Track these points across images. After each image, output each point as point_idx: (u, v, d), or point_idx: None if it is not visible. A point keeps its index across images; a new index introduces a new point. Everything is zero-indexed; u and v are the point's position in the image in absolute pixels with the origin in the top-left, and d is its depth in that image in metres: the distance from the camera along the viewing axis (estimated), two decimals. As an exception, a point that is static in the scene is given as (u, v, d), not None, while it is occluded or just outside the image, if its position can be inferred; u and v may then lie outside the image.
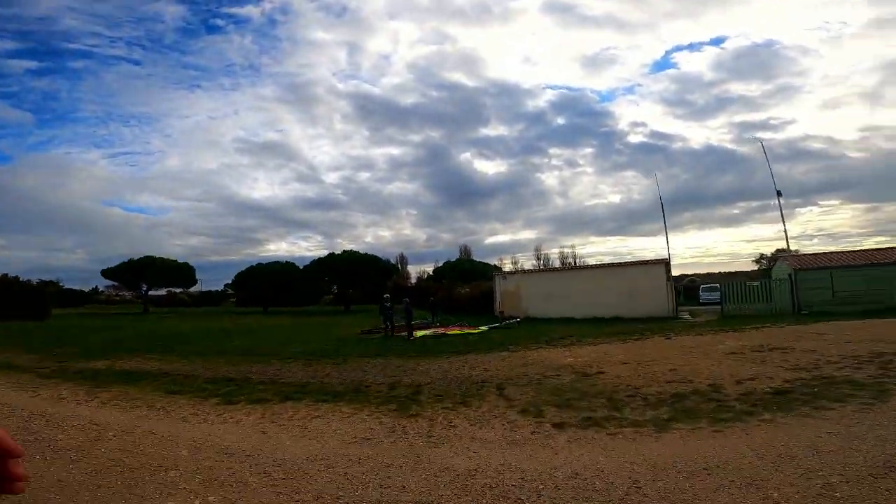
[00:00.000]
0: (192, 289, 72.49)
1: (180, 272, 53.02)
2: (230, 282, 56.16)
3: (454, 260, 61.17)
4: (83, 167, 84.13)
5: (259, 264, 50.56)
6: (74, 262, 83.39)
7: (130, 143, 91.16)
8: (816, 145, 71.12)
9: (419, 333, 16.79)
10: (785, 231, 23.86)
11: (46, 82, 78.05)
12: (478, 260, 60.20)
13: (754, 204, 72.17)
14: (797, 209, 71.60)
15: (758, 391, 6.87)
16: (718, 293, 37.24)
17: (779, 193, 24.36)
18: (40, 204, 76.81)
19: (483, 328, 18.01)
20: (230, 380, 8.60)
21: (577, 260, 59.60)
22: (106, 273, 52.32)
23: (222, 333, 19.85)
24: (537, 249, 69.73)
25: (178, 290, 65.92)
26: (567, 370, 9.20)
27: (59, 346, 14.19)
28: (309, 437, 5.00)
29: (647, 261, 25.23)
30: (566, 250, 66.74)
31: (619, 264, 26.21)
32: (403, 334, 16.46)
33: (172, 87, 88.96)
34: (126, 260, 50.85)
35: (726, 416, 5.64)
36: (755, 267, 57.09)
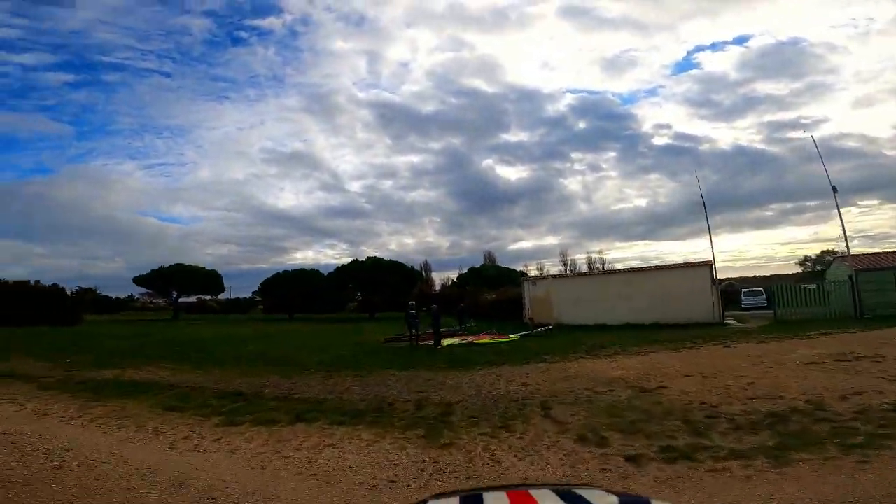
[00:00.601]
0: (221, 296, 74.25)
1: (209, 279, 53.63)
2: (257, 289, 56.52)
3: (478, 266, 60.14)
4: (119, 178, 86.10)
5: (285, 272, 50.61)
6: (113, 270, 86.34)
7: (164, 155, 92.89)
8: (851, 143, 67.02)
9: (446, 342, 15.70)
10: (844, 230, 21.39)
11: (83, 95, 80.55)
12: (503, 266, 58.96)
13: (789, 205, 70.14)
14: (834, 210, 66.69)
15: (874, 408, 5.62)
16: (762, 297, 34.97)
17: (834, 189, 22.16)
18: (80, 214, 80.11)
19: (514, 336, 16.77)
20: (239, 394, 7.72)
21: (605, 265, 57.52)
22: (138, 280, 53.42)
23: (243, 340, 19.26)
24: (563, 255, 67.73)
25: (207, 298, 67.01)
26: (619, 384, 7.94)
27: (76, 354, 13.75)
28: (317, 477, 3.98)
29: (690, 263, 23.40)
30: (594, 255, 64.69)
31: (659, 267, 24.44)
32: (430, 343, 15.41)
33: (202, 99, 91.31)
34: (157, 268, 51.82)
35: (855, 440, 4.39)
36: (799, 269, 53.84)
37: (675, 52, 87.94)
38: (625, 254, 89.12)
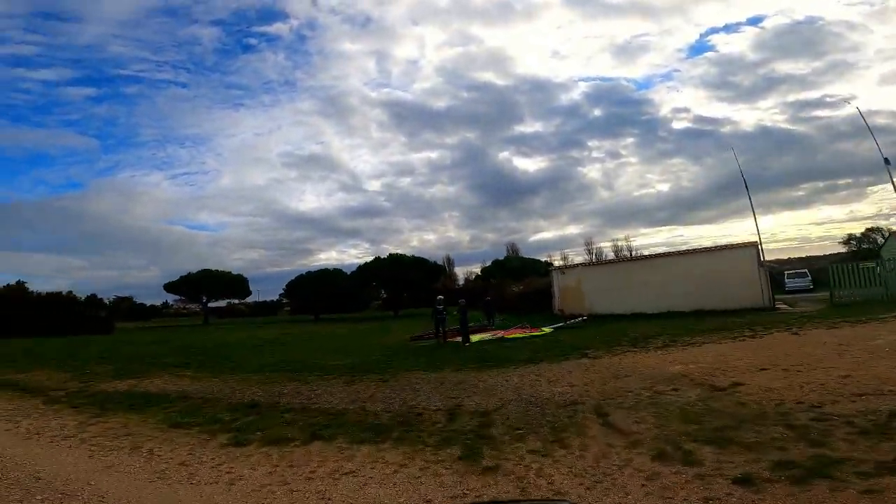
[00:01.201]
0: (250, 299, 75.92)
1: (235, 284, 54.16)
2: (283, 292, 56.86)
3: (502, 258, 58.85)
4: (146, 190, 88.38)
5: (308, 273, 50.50)
6: (147, 279, 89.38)
7: (188, 164, 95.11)
8: (881, 121, 63.90)
9: (475, 338, 14.75)
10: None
11: (105, 108, 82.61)
12: (527, 257, 57.51)
13: (820, 184, 67.20)
14: (868, 188, 64.87)
15: None
16: (807, 279, 32.60)
17: (886, 161, 20.01)
18: (112, 226, 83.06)
19: (547, 329, 15.70)
20: (253, 406, 6.96)
21: (632, 252, 55.41)
22: (168, 287, 54.35)
23: (267, 344, 18.78)
24: (588, 243, 65.84)
25: (235, 301, 68.10)
26: (683, 382, 6.84)
27: (98, 363, 13.41)
28: (329, 522, 3.10)
29: (734, 245, 21.68)
30: (620, 243, 62.56)
31: (699, 250, 22.75)
32: (457, 340, 14.50)
33: (218, 108, 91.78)
34: (185, 274, 52.63)
35: None
36: (843, 249, 50.54)
37: (688, 36, 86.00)
38: (651, 240, 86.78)
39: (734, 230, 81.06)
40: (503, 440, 4.82)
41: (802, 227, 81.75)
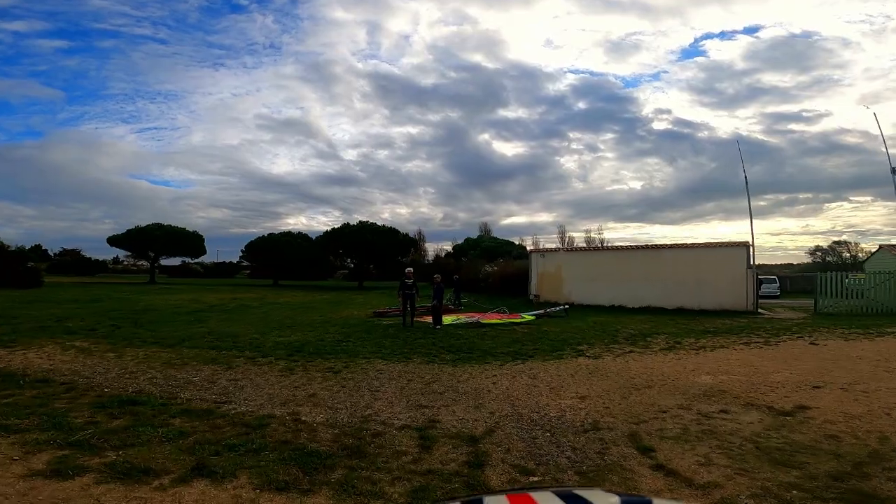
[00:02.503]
0: (208, 259, 72.81)
1: (189, 241, 50.00)
2: (242, 253, 53.09)
3: (475, 237, 57.18)
4: (111, 142, 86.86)
5: (270, 234, 47.18)
6: (103, 232, 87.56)
7: (157, 119, 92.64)
8: (852, 140, 66.60)
9: (446, 320, 12.96)
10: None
11: (76, 61, 79.42)
12: (501, 238, 56.10)
13: (782, 197, 70.44)
14: (826, 204, 69.51)
15: None
16: (775, 285, 32.52)
17: (893, 171, 19.39)
18: (70, 177, 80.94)
19: (528, 316, 14.08)
20: (134, 402, 4.85)
21: (603, 244, 55.14)
22: (112, 241, 49.75)
23: (208, 310, 16.37)
24: (561, 230, 65.27)
25: (192, 261, 64.01)
26: (727, 400, 5.25)
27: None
28: None
29: (725, 243, 20.64)
30: (592, 234, 62.28)
31: (689, 246, 21.59)
32: (427, 321, 12.65)
33: (197, 66, 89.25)
34: (133, 227, 48.25)
35: None
36: (808, 259, 51.94)
37: (682, 39, 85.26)
38: (618, 234, 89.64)
39: (696, 233, 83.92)
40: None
41: (759, 236, 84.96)
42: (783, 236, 79.28)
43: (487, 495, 0.96)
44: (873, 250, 29.47)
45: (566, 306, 16.18)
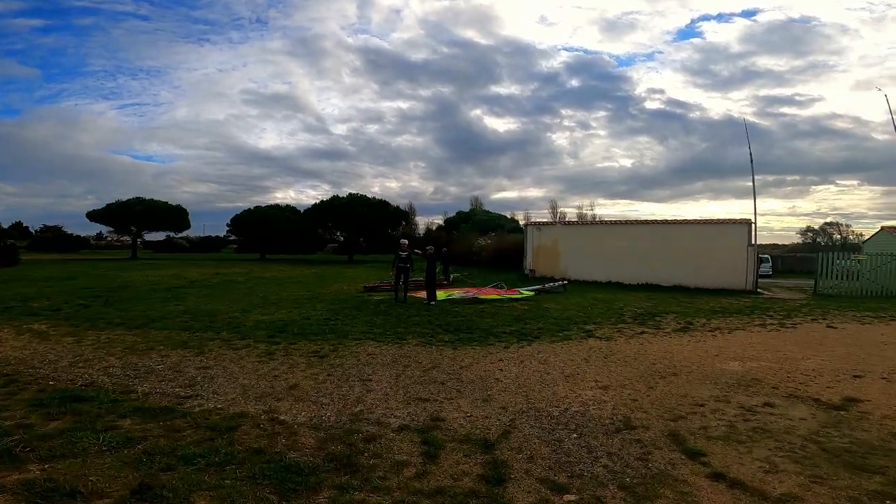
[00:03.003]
0: (194, 234, 71.54)
1: (172, 215, 48.21)
2: (228, 227, 51.48)
3: (467, 210, 56.17)
4: (91, 118, 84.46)
5: (257, 207, 45.66)
6: (84, 208, 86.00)
7: (139, 95, 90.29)
8: (842, 125, 66.90)
9: (441, 295, 12.28)
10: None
11: (53, 39, 77.93)
12: (493, 212, 55.21)
13: (770, 178, 70.81)
14: (812, 186, 70.97)
15: None
16: (768, 265, 31.96)
17: None
18: (50, 153, 78.53)
19: (526, 292, 13.45)
20: (78, 398, 4.06)
21: (595, 219, 54.71)
22: (91, 216, 47.79)
23: (189, 286, 15.49)
24: (553, 206, 64.57)
25: (177, 235, 62.38)
26: (765, 390, 4.66)
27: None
28: None
29: (726, 220, 20.06)
30: (585, 210, 61.74)
31: (690, 222, 20.92)
32: (421, 297, 11.94)
33: (181, 42, 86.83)
34: (113, 202, 46.33)
35: None
36: (799, 240, 52.11)
37: (679, 19, 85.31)
38: (607, 211, 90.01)
39: (684, 211, 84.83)
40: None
41: (745, 216, 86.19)
42: (770, 216, 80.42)
43: None
44: (864, 232, 29.25)
45: (564, 282, 15.59)
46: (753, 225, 18.79)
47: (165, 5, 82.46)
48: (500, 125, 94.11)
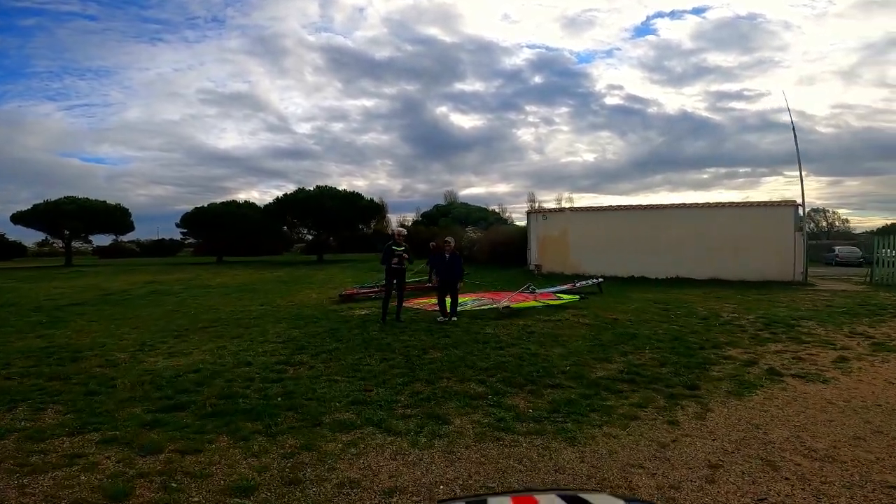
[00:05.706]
0: (147, 237, 65.30)
1: (111, 216, 42.11)
2: (180, 227, 45.73)
3: (444, 204, 52.60)
4: (37, 120, 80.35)
5: (211, 205, 40.45)
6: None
7: (87, 96, 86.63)
8: (787, 118, 68.92)
9: (429, 303, 8.56)
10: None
11: None
12: (472, 204, 51.83)
13: (723, 170, 73.12)
14: (763, 178, 74.07)
15: None
16: (857, 253, 28.19)
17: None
18: None
19: (566, 297, 9.95)
20: None
21: (610, 206, 52.39)
22: (16, 218, 41.30)
23: (102, 302, 11.20)
24: (531, 198, 62.34)
25: (124, 239, 55.95)
26: None
27: None
28: None
29: (769, 202, 17.18)
30: (564, 203, 59.55)
31: (725, 205, 17.87)
32: (433, 309, 8.18)
33: (132, 41, 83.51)
34: (40, 202, 40.11)
35: None
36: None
37: (635, 16, 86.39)
38: (573, 205, 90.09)
39: (647, 202, 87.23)
40: None
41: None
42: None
43: (492, 496, 0.91)
44: (853, 219, 26.98)
45: (600, 279, 12.17)
46: (802, 207, 16.00)
47: (115, 5, 79.61)
48: (466, 122, 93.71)
